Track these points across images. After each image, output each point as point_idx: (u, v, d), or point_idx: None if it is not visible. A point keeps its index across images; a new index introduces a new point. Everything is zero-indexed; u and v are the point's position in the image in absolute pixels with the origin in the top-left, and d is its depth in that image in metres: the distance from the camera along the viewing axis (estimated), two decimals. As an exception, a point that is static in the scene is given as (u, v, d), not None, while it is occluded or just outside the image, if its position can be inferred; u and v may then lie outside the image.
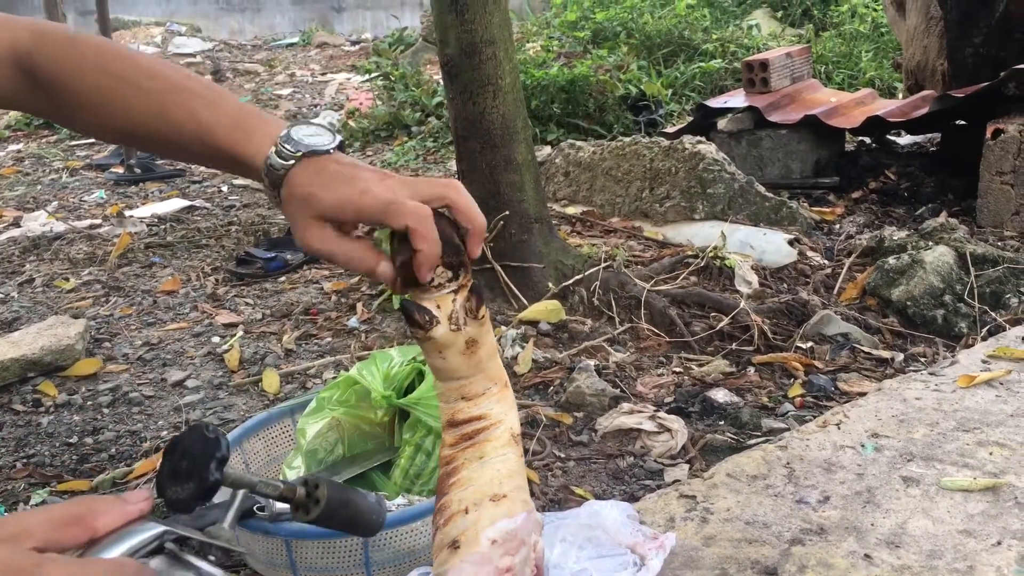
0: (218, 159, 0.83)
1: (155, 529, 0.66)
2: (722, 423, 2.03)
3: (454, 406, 0.86)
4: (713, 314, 2.53)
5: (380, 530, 0.83)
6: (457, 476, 0.84)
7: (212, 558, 0.71)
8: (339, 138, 0.81)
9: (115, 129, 0.87)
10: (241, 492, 0.76)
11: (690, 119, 4.44)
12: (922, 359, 2.31)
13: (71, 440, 2.10)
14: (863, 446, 1.52)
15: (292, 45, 9.47)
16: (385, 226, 0.79)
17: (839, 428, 1.59)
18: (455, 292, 0.82)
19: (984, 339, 2.23)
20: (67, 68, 0.84)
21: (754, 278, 2.74)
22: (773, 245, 2.96)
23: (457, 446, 0.85)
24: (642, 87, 5.38)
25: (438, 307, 0.81)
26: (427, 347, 0.83)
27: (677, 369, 2.30)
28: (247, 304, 2.90)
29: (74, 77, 0.84)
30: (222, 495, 0.75)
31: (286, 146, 0.78)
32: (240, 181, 4.88)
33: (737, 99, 4.16)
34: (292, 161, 0.78)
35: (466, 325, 0.82)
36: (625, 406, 2.06)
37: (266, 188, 0.81)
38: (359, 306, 2.76)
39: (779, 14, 7.82)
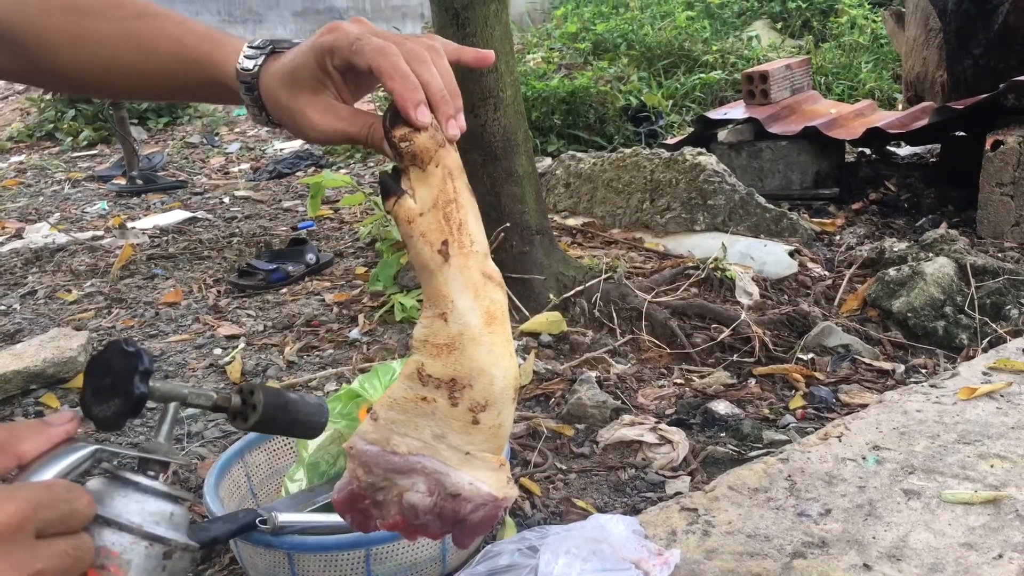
0: (192, 78, 0.80)
1: (85, 449, 0.64)
2: (723, 435, 2.03)
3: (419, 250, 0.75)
4: (714, 325, 2.53)
5: (322, 430, 0.80)
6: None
7: (151, 472, 0.69)
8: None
9: (88, 69, 0.83)
10: (173, 404, 0.73)
11: (690, 130, 4.46)
12: (923, 371, 2.31)
13: (73, 452, 2.10)
14: (864, 459, 1.53)
15: (294, 56, 9.49)
16: (353, 66, 0.72)
17: (840, 440, 1.59)
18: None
19: (985, 351, 2.23)
20: (32, 14, 0.81)
21: (755, 289, 2.75)
22: (774, 256, 2.97)
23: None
24: (642, 98, 5.40)
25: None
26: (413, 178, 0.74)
27: (678, 381, 2.31)
28: (249, 316, 2.91)
29: (40, 21, 0.81)
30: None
31: (254, 46, 0.77)
32: (241, 192, 4.89)
33: (737, 111, 4.17)
34: (262, 57, 0.76)
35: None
36: (626, 418, 2.06)
37: (243, 96, 0.78)
38: (361, 318, 2.76)
39: (779, 25, 7.85)
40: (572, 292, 2.62)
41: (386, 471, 0.75)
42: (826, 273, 2.95)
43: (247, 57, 0.77)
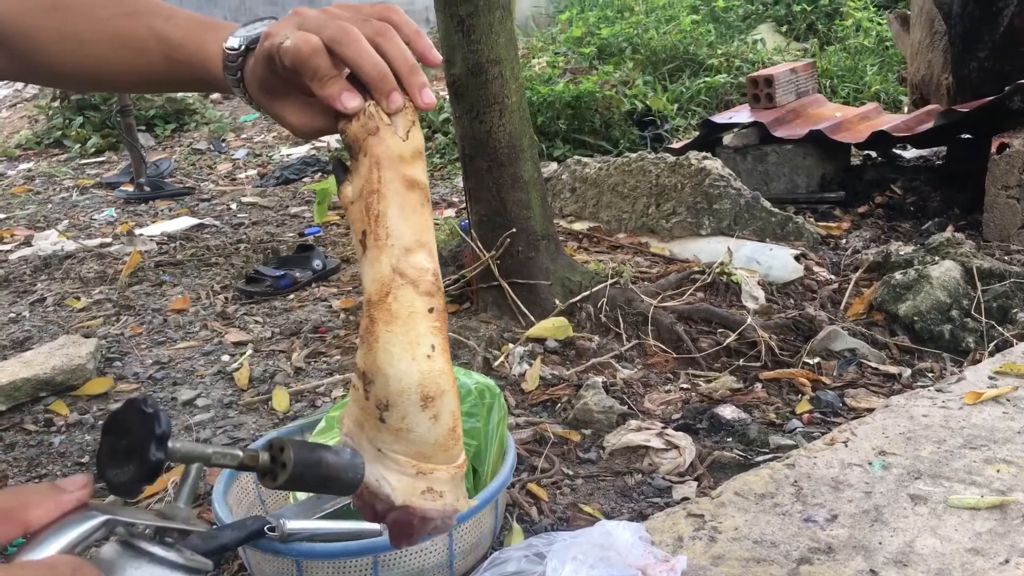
0: (183, 76, 0.80)
1: (96, 519, 0.60)
2: (730, 440, 2.03)
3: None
4: (720, 330, 2.54)
5: (358, 487, 0.76)
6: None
7: (169, 540, 0.65)
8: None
9: (78, 68, 0.83)
10: (195, 466, 0.70)
11: (696, 134, 4.46)
12: (929, 374, 2.31)
13: (83, 460, 2.12)
14: (871, 464, 1.53)
15: (299, 62, 9.52)
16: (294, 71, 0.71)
17: (846, 446, 1.60)
18: (369, 120, 0.71)
19: (991, 354, 2.23)
20: (20, 15, 0.81)
21: (761, 294, 2.75)
22: (779, 260, 2.97)
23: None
24: (648, 102, 5.41)
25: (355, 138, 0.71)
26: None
27: (684, 385, 2.31)
28: (256, 322, 2.92)
29: (28, 21, 0.81)
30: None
31: (231, 48, 0.76)
32: (248, 199, 4.91)
33: (742, 114, 4.18)
34: (243, 47, 0.75)
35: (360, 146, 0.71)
36: (633, 423, 2.07)
37: (233, 86, 0.77)
38: (367, 324, 2.77)
39: (784, 28, 7.84)
40: (578, 297, 2.62)
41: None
42: (832, 277, 2.95)
43: (229, 61, 0.76)
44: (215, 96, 8.00)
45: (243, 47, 0.75)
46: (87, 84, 0.87)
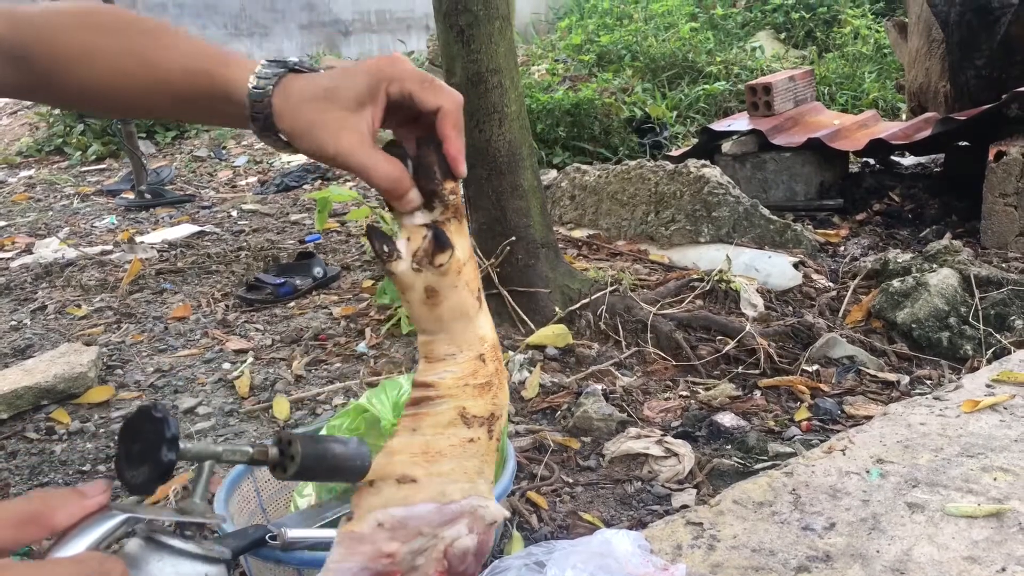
0: (201, 90, 0.80)
1: (118, 517, 0.64)
2: (729, 447, 2.04)
3: (419, 365, 0.79)
4: (719, 337, 2.55)
5: (365, 474, 0.78)
6: (390, 442, 0.78)
7: (188, 533, 0.70)
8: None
9: (98, 84, 0.82)
10: (207, 464, 0.73)
11: (695, 141, 4.48)
12: (928, 382, 2.32)
13: (84, 468, 2.13)
14: (868, 472, 1.54)
15: (300, 69, 9.55)
16: (413, 100, 0.74)
17: (844, 454, 1.61)
18: (428, 226, 0.75)
19: (989, 362, 2.24)
20: (46, 32, 0.82)
21: (759, 301, 2.76)
22: (778, 268, 2.98)
23: (406, 409, 0.79)
24: (647, 109, 5.43)
25: (408, 239, 0.75)
26: (393, 283, 0.77)
27: (684, 393, 2.32)
28: (257, 330, 2.93)
29: (54, 38, 0.82)
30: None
31: (273, 60, 0.77)
32: (249, 206, 4.93)
33: (741, 122, 4.19)
34: (283, 71, 0.76)
35: (426, 269, 0.74)
36: (632, 431, 2.07)
37: (249, 116, 0.76)
38: (368, 331, 2.79)
39: (782, 36, 7.87)
40: (578, 305, 2.63)
41: (437, 527, 0.76)
42: (830, 284, 2.96)
43: (263, 68, 0.76)
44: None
45: (290, 66, 0.76)
46: (103, 103, 0.87)
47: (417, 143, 0.76)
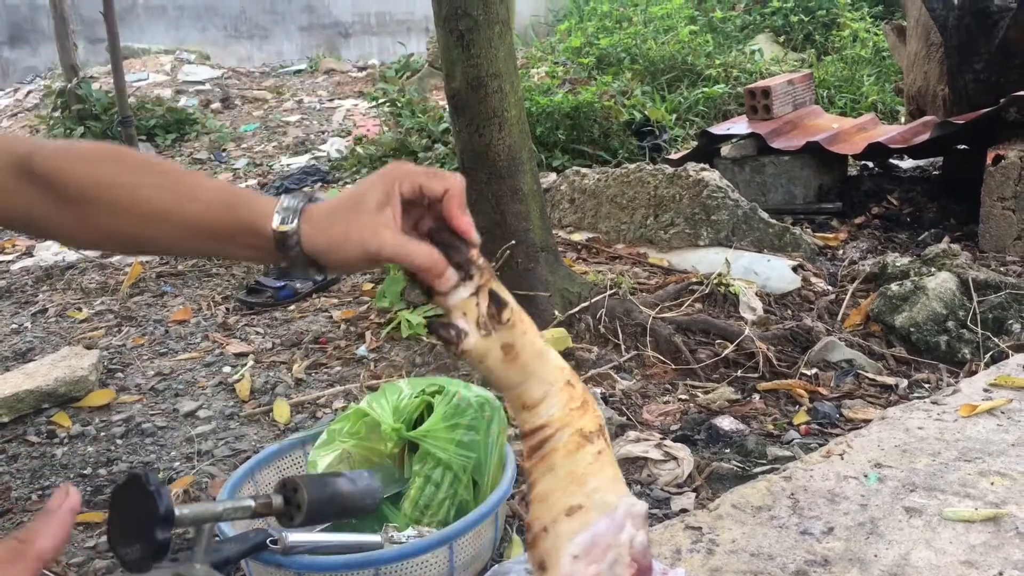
0: (230, 219, 0.83)
1: None
2: (728, 451, 2.05)
3: (520, 417, 0.84)
4: (718, 341, 2.55)
5: (377, 508, 0.79)
6: (534, 491, 0.83)
7: None
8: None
9: (128, 215, 0.85)
10: (207, 526, 0.72)
11: (694, 144, 4.49)
12: (926, 385, 2.33)
13: (85, 471, 2.13)
14: (866, 476, 1.54)
15: (300, 72, 9.57)
16: (423, 190, 0.82)
17: (842, 458, 1.61)
18: (476, 294, 0.80)
19: (987, 365, 2.25)
20: (80, 164, 0.85)
21: (758, 304, 2.77)
22: (777, 271, 2.99)
23: (530, 459, 0.83)
24: (646, 112, 5.44)
25: (464, 315, 0.80)
26: (469, 360, 0.81)
27: (683, 396, 2.33)
28: (257, 333, 2.94)
29: (89, 169, 0.85)
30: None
31: (290, 199, 0.83)
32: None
33: (740, 126, 4.20)
34: (301, 201, 0.82)
35: (495, 330, 0.80)
36: (632, 434, 2.08)
37: (276, 245, 0.81)
38: (368, 335, 2.79)
39: (781, 39, 7.89)
40: (577, 308, 2.64)
41: (615, 535, 0.83)
42: (829, 288, 2.97)
43: (286, 199, 0.82)
44: (215, 105, 8.04)
45: (296, 224, 0.81)
46: (133, 236, 0.88)
47: (430, 233, 0.82)
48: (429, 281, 0.80)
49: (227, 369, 2.67)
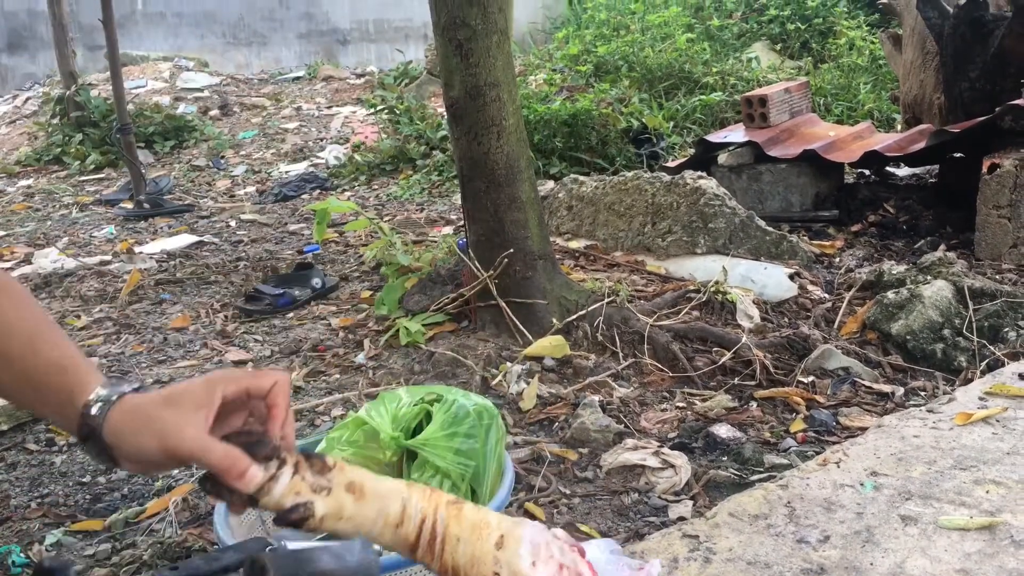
0: (51, 384, 0.84)
1: None
2: (725, 459, 2.06)
3: (399, 536, 0.88)
4: (715, 349, 2.56)
5: None
6: (461, 566, 0.89)
7: None
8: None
9: None
10: None
11: (691, 151, 4.51)
12: (922, 393, 2.34)
13: (84, 479, 2.14)
14: (862, 485, 1.55)
15: (298, 79, 9.60)
16: (249, 392, 0.86)
17: (839, 466, 1.62)
18: (296, 471, 0.82)
19: (983, 373, 2.26)
20: None
21: (755, 312, 2.78)
22: (774, 279, 3.00)
23: (433, 552, 0.88)
24: (644, 120, 5.46)
25: (298, 493, 0.81)
26: (329, 527, 0.83)
27: (680, 404, 2.34)
28: (256, 341, 2.95)
29: None
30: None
31: (113, 384, 0.83)
32: (247, 216, 4.95)
33: (737, 134, 4.22)
34: (122, 389, 0.82)
35: (331, 481, 0.83)
36: (629, 442, 2.09)
37: (81, 421, 0.81)
38: (366, 342, 2.80)
39: (778, 47, 7.92)
40: (575, 316, 2.65)
41: (543, 535, 0.95)
42: (826, 295, 2.98)
43: (109, 383, 0.83)
44: (214, 112, 8.04)
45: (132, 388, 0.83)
46: None
47: (229, 437, 0.82)
48: (229, 483, 0.79)
49: (226, 377, 2.67)
